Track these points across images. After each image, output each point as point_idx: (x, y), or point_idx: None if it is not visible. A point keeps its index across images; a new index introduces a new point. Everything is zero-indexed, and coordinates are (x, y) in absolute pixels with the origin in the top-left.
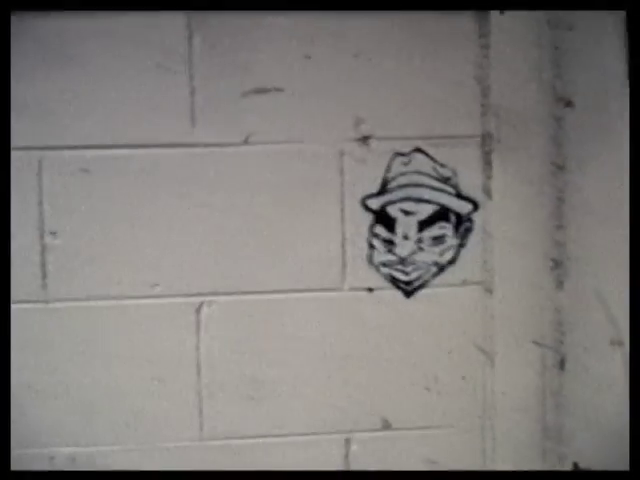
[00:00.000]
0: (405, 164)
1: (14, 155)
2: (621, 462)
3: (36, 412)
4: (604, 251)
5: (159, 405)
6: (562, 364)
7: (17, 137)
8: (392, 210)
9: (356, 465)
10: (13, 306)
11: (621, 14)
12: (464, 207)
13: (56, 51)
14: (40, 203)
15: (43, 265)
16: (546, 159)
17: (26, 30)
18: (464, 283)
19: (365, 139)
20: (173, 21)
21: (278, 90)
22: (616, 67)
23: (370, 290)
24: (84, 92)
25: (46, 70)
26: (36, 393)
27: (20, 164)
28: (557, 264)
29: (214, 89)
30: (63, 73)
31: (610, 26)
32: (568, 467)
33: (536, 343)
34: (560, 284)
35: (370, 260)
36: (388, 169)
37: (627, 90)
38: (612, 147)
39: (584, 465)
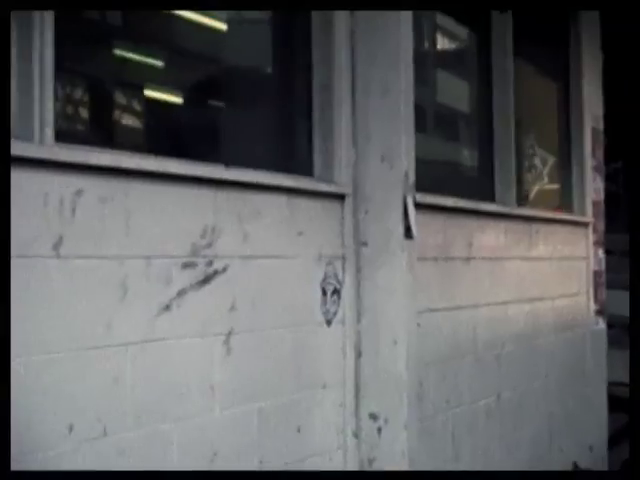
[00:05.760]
0: (329, 269)
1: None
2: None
3: None
4: (382, 298)
5: None
6: (360, 354)
7: None
8: (325, 288)
9: None
10: None
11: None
12: (339, 288)
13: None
14: None
15: None
16: (355, 267)
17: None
18: (338, 321)
19: (320, 256)
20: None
21: (301, 234)
22: (396, 229)
23: (320, 324)
24: None
25: None
26: None
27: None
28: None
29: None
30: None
31: (394, 212)
32: (365, 413)
33: (354, 347)
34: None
35: (321, 311)
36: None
37: (403, 241)
38: (391, 263)
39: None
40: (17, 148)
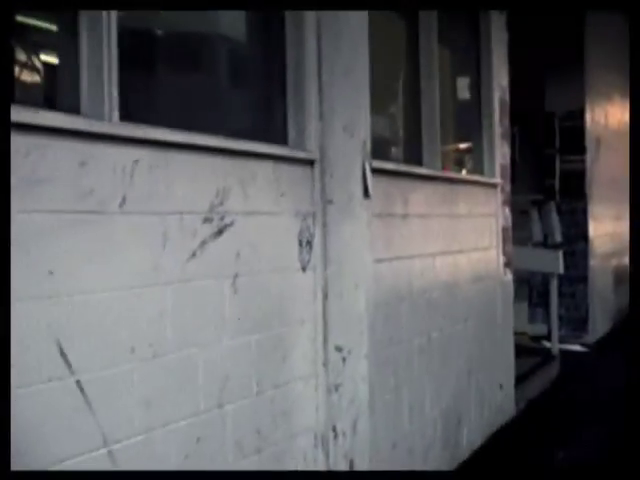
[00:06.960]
0: (303, 224)
1: None
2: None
3: None
4: (345, 249)
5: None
6: (326, 296)
7: None
8: (301, 240)
9: None
10: None
11: None
12: (311, 240)
13: None
14: None
15: None
16: (323, 222)
17: None
18: (311, 268)
19: (297, 213)
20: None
21: (283, 195)
22: (356, 190)
23: (298, 270)
24: None
25: None
26: None
27: None
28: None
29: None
30: None
31: (354, 175)
32: (332, 346)
33: (322, 290)
34: (327, 265)
35: (298, 259)
36: (301, 225)
37: (362, 201)
38: (352, 219)
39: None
40: (93, 126)
